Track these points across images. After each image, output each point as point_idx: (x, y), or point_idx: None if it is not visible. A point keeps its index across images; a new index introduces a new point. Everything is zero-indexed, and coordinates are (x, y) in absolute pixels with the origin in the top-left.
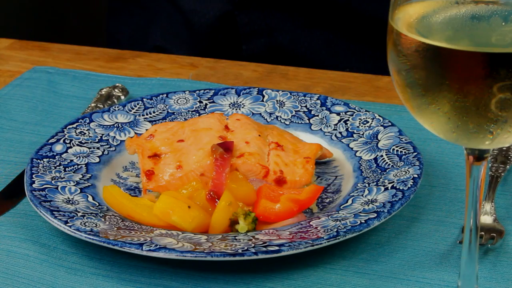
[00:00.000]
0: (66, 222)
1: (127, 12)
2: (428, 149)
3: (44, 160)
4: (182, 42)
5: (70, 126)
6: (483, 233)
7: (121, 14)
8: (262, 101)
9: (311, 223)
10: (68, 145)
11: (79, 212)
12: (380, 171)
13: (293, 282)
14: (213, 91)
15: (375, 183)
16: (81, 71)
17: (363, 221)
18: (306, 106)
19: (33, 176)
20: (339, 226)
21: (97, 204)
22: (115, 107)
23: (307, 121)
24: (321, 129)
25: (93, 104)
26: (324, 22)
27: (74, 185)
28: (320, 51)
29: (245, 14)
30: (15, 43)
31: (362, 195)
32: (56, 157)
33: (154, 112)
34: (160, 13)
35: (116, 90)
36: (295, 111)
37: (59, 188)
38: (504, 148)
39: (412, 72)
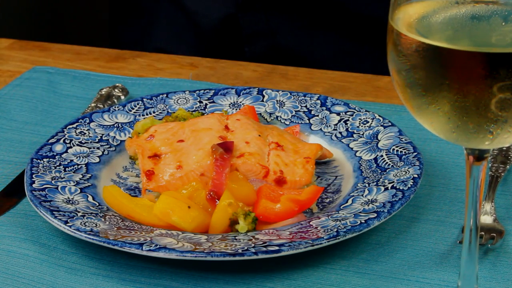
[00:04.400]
0: (66, 222)
1: (130, 15)
2: (428, 149)
3: (44, 160)
4: (184, 44)
5: (70, 126)
6: (483, 233)
7: (124, 17)
8: (262, 101)
9: (311, 223)
10: (68, 145)
11: (79, 212)
12: (380, 171)
13: (293, 282)
14: (213, 91)
15: (375, 183)
16: (81, 71)
17: (363, 221)
18: (306, 106)
19: (33, 176)
20: (339, 226)
21: (97, 204)
22: (115, 107)
23: (307, 121)
24: (321, 129)
25: (93, 104)
26: (325, 23)
27: (74, 185)
28: (321, 52)
29: (248, 16)
30: (15, 43)
31: (362, 195)
32: (56, 157)
33: (154, 112)
34: (162, 15)
35: (116, 90)
36: (295, 111)
37: (59, 188)
38: (504, 148)
39: (412, 72)
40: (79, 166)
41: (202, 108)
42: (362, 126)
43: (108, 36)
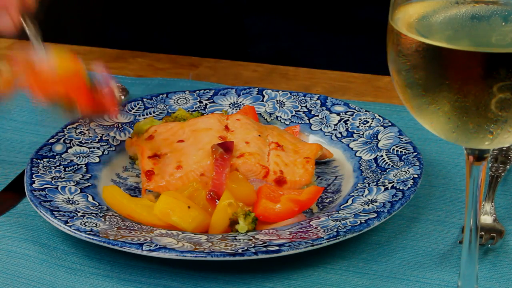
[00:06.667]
0: (66, 222)
1: (125, 15)
2: (428, 149)
3: (44, 160)
4: (187, 44)
5: (70, 126)
6: (483, 233)
7: (119, 17)
8: (262, 101)
9: (311, 223)
10: (68, 145)
11: (79, 212)
12: (380, 171)
13: (293, 282)
14: (213, 91)
15: (375, 183)
16: None
17: (363, 221)
18: (306, 106)
19: (33, 176)
20: (339, 226)
21: (97, 204)
22: None
23: (307, 121)
24: (321, 129)
25: None
26: (328, 27)
27: (74, 185)
28: (324, 55)
29: (252, 17)
30: (15, 43)
31: (362, 195)
32: (56, 157)
33: (154, 112)
34: (163, 15)
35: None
36: (295, 111)
37: (59, 188)
38: (504, 148)
39: (412, 72)
40: (79, 166)
41: (202, 108)
42: (362, 126)
43: (98, 33)
